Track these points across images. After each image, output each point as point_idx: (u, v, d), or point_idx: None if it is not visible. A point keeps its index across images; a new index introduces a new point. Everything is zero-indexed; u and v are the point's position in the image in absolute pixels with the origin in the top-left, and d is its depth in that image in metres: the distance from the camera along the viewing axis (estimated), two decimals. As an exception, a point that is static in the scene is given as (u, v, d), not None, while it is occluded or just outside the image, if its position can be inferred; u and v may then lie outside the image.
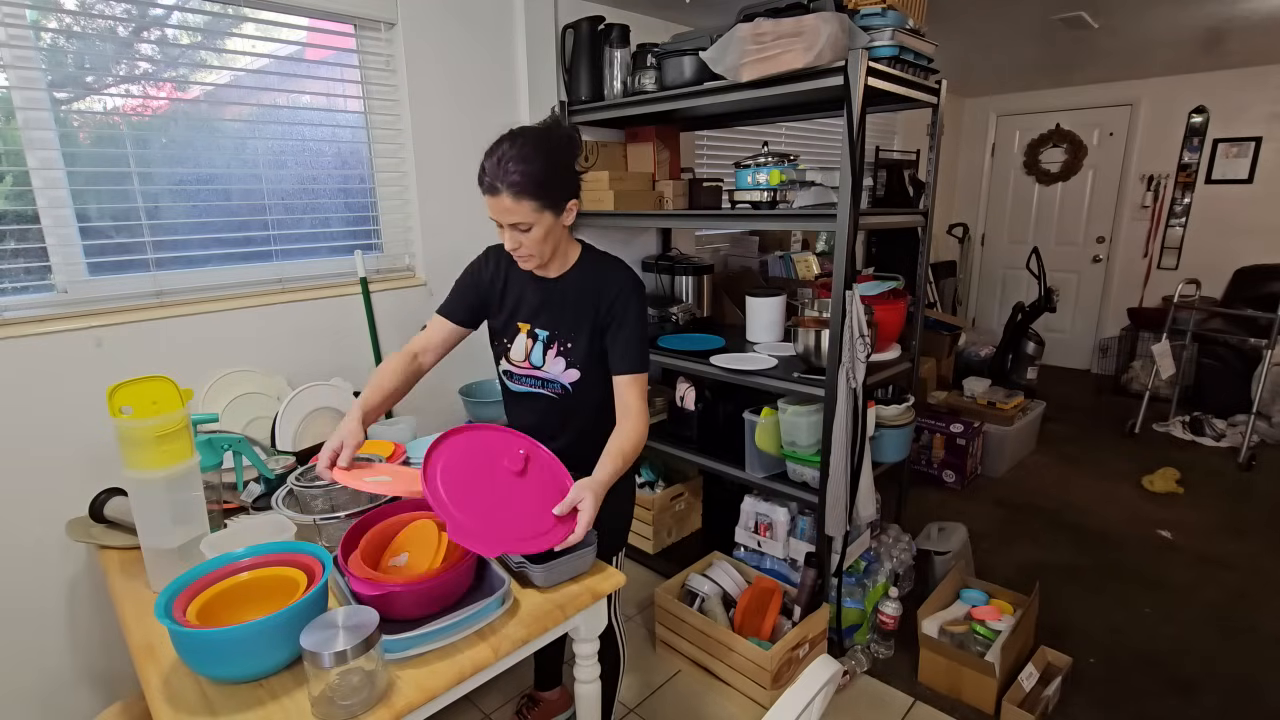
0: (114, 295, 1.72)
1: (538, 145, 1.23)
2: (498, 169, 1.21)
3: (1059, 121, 5.20)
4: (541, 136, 1.26)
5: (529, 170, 1.20)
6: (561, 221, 1.30)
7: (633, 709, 1.97)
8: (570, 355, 1.37)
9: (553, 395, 1.41)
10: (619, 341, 1.34)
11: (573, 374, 1.38)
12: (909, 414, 2.18)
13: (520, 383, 1.45)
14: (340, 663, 0.87)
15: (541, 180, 1.22)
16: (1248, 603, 2.43)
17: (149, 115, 1.76)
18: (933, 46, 1.99)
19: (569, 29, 2.48)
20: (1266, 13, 3.10)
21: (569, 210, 1.30)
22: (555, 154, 1.25)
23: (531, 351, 1.40)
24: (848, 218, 1.80)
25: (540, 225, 1.26)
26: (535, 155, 1.21)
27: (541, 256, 1.32)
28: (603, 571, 1.27)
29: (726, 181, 2.59)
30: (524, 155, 1.20)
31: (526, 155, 1.20)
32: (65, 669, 1.72)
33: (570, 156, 1.30)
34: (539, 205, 1.23)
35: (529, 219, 1.24)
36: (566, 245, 1.38)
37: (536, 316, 1.40)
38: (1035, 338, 4.22)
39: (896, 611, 2.13)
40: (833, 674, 0.95)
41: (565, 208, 1.29)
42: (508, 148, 1.21)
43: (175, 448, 1.17)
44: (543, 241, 1.28)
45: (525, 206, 1.22)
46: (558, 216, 1.28)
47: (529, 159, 1.20)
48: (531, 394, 1.44)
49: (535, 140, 1.23)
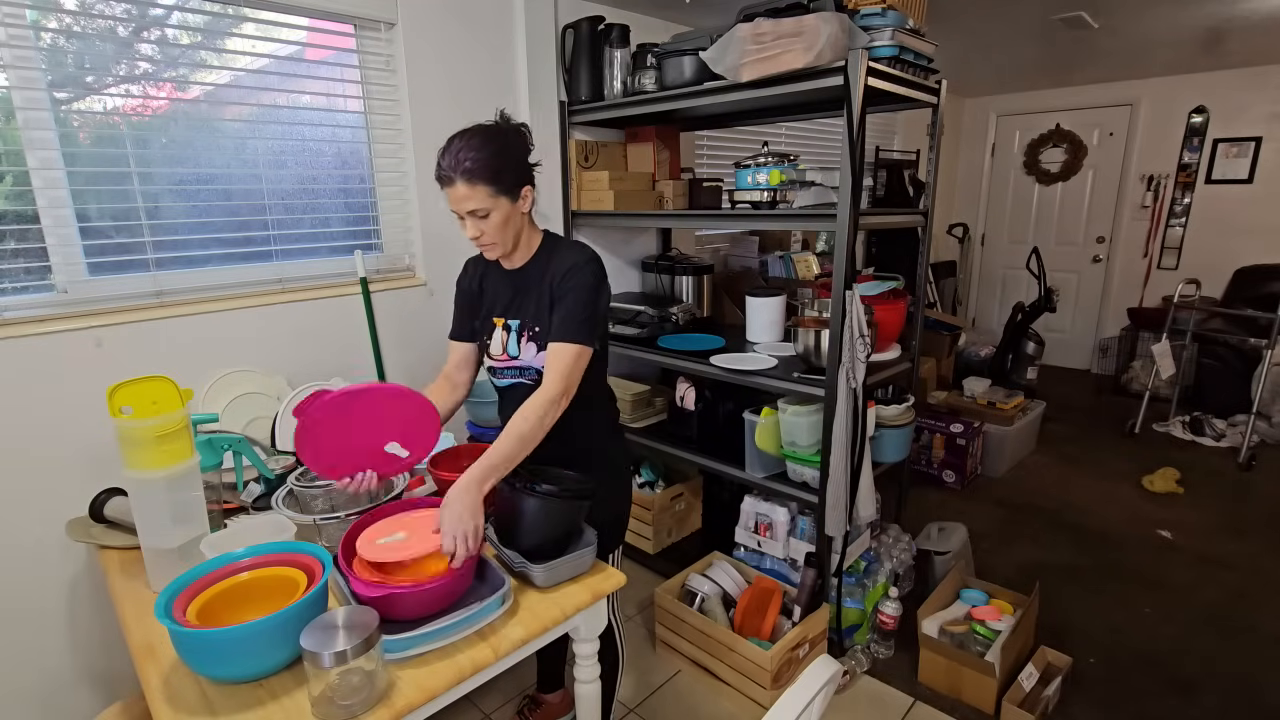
0: (114, 295, 1.72)
1: (487, 135, 1.29)
2: (451, 160, 1.27)
3: (1059, 121, 5.20)
4: (490, 128, 1.31)
5: (479, 157, 1.26)
6: (518, 208, 1.34)
7: (633, 709, 1.97)
8: (539, 339, 1.40)
9: (530, 383, 1.43)
10: (560, 310, 1.35)
11: (542, 356, 1.39)
12: (909, 414, 2.18)
13: (502, 376, 1.48)
14: (340, 663, 0.87)
15: (493, 166, 1.27)
16: (1248, 603, 2.43)
17: (149, 115, 1.76)
18: (933, 46, 2.00)
19: (569, 29, 2.49)
20: (1266, 13, 3.10)
21: (524, 197, 1.34)
22: (505, 142, 1.31)
23: (507, 343, 1.44)
24: (848, 218, 1.80)
25: (498, 211, 1.30)
26: (485, 144, 1.27)
27: (504, 244, 1.36)
28: (603, 571, 1.27)
29: (726, 181, 2.59)
30: (474, 145, 1.27)
31: (476, 145, 1.27)
32: (65, 669, 1.72)
33: (520, 145, 1.34)
34: (493, 190, 1.28)
35: (485, 204, 1.29)
36: (529, 234, 1.42)
37: (508, 309, 1.45)
38: (1035, 338, 4.22)
39: (896, 611, 2.13)
40: (833, 674, 0.95)
41: (520, 194, 1.33)
42: (459, 141, 1.28)
43: (175, 448, 1.18)
44: (502, 228, 1.33)
45: (480, 191, 1.27)
46: (514, 202, 1.32)
47: (479, 147, 1.27)
48: (514, 385, 1.47)
49: (484, 132, 1.30)
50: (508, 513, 1.25)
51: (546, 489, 1.23)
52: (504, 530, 1.25)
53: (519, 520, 1.22)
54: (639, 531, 2.74)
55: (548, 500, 1.21)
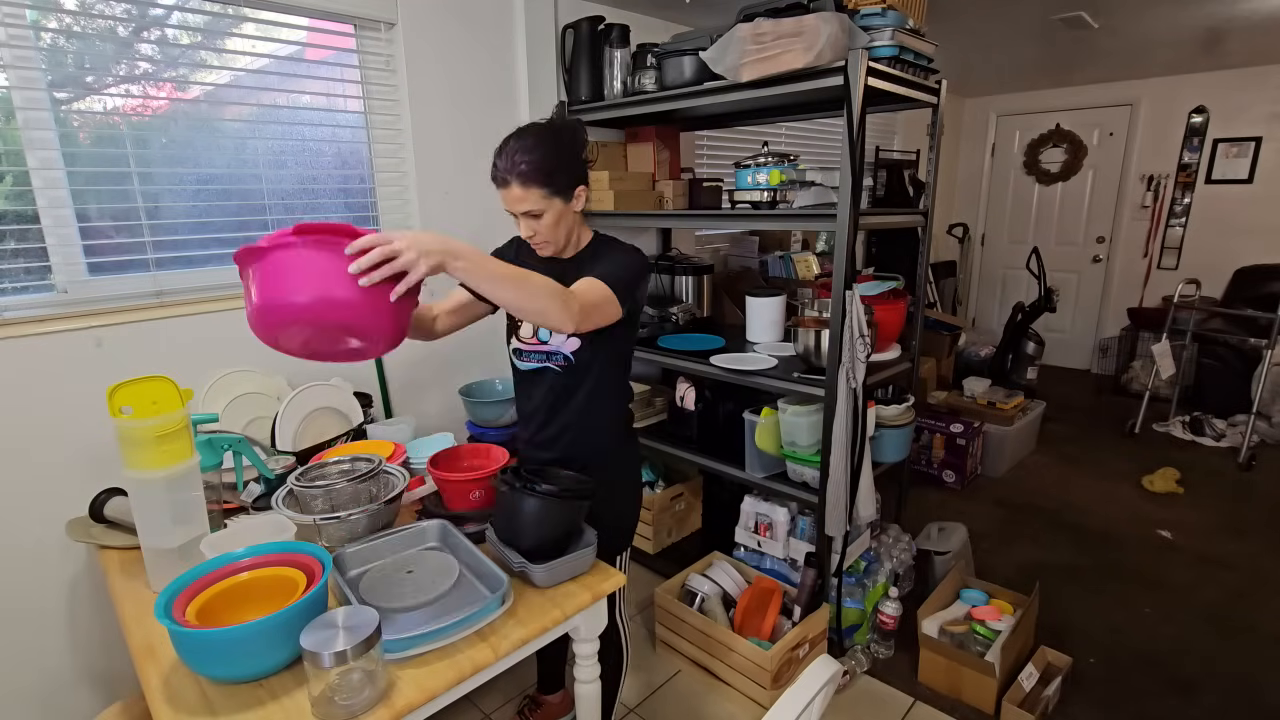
0: (114, 295, 1.72)
1: (540, 136, 1.29)
2: (506, 162, 1.27)
3: (1059, 121, 5.20)
4: (545, 129, 1.32)
5: (533, 159, 1.26)
6: (571, 207, 1.34)
7: (633, 709, 1.97)
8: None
9: (557, 369, 1.43)
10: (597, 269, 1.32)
11: (574, 342, 1.40)
12: (909, 414, 2.18)
13: (527, 359, 1.46)
14: (340, 663, 0.87)
15: (546, 168, 1.27)
16: (1247, 603, 2.43)
17: (149, 115, 1.76)
18: (933, 46, 1.99)
19: (569, 29, 2.48)
20: (1266, 13, 3.10)
21: (578, 196, 1.34)
22: (559, 143, 1.30)
23: (538, 328, 1.43)
24: (848, 218, 1.80)
25: (551, 211, 1.31)
26: (539, 145, 1.27)
27: (556, 243, 1.38)
28: (603, 572, 1.27)
29: (726, 181, 2.59)
30: (528, 146, 1.27)
31: (530, 146, 1.27)
32: (65, 669, 1.72)
33: (575, 145, 1.34)
34: (547, 192, 1.29)
35: (539, 206, 1.29)
36: (580, 231, 1.43)
37: None
38: (1035, 338, 4.22)
39: (896, 611, 2.13)
40: (833, 674, 0.95)
41: (574, 194, 1.33)
42: (514, 142, 1.28)
43: (175, 448, 1.18)
44: (555, 227, 1.34)
45: (534, 194, 1.28)
46: (567, 202, 1.33)
47: (533, 149, 1.27)
48: (538, 370, 1.46)
49: (539, 132, 1.30)
50: (507, 512, 1.24)
51: (546, 489, 1.23)
52: (504, 530, 1.25)
53: (519, 520, 1.22)
54: (639, 531, 2.74)
55: (547, 500, 1.21)
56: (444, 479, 1.41)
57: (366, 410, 2.00)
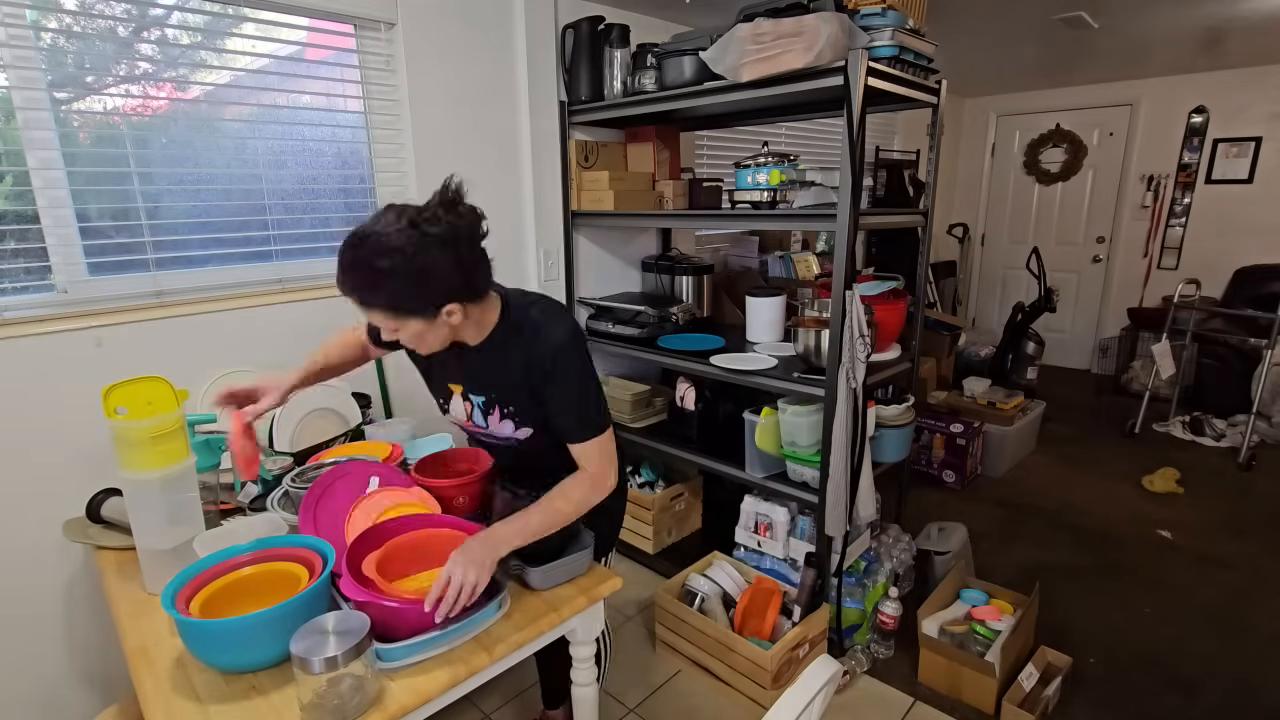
0: (114, 295, 1.72)
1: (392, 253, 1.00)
2: (344, 269, 1.04)
3: (1059, 121, 5.19)
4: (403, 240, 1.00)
5: (376, 282, 1.02)
6: (440, 322, 1.09)
7: (633, 709, 1.97)
8: (517, 416, 1.26)
9: (515, 446, 1.33)
10: (564, 409, 1.19)
11: (524, 431, 1.27)
12: (909, 414, 2.17)
13: (472, 436, 1.39)
14: (331, 668, 0.87)
15: (392, 293, 1.03)
16: (1247, 603, 2.42)
17: (149, 115, 1.76)
18: (933, 46, 1.99)
19: (569, 29, 2.48)
20: (1266, 13, 3.10)
21: (448, 313, 1.08)
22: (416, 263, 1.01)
23: (472, 414, 1.30)
24: (848, 218, 1.80)
25: (406, 330, 1.09)
26: (386, 266, 1.00)
27: (431, 347, 1.16)
28: (599, 574, 1.26)
29: (726, 181, 2.59)
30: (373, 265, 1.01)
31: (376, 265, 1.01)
32: (62, 670, 1.72)
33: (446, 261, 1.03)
34: (393, 315, 1.06)
35: (391, 325, 1.08)
36: (478, 318, 1.17)
37: (466, 382, 1.28)
38: (1035, 338, 4.21)
39: (896, 611, 2.13)
40: (833, 674, 0.95)
41: (441, 312, 1.07)
42: (361, 252, 1.02)
43: (170, 448, 1.17)
44: (420, 339, 1.12)
45: (377, 315, 1.07)
46: (430, 320, 1.08)
47: (378, 270, 1.01)
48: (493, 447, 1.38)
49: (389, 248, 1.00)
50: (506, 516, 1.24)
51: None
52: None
53: (518, 521, 1.21)
54: (639, 531, 2.74)
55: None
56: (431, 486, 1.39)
57: (366, 411, 2.00)
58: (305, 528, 1.23)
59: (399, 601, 0.99)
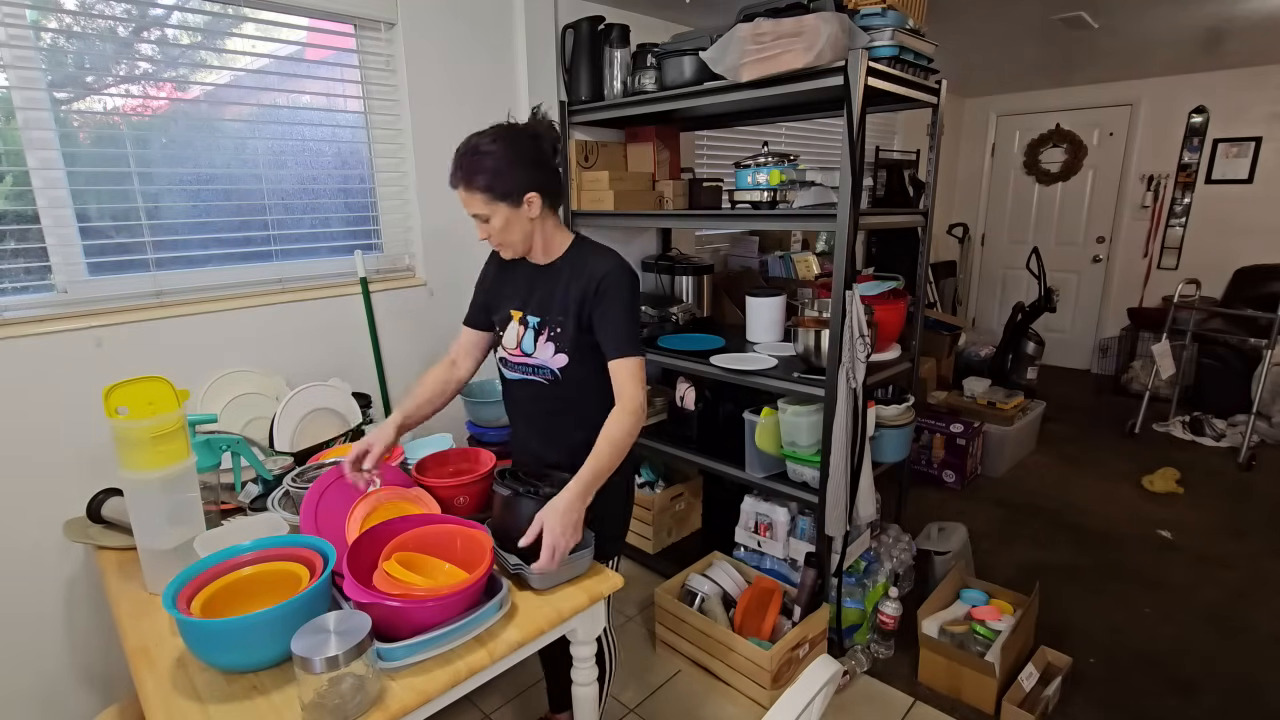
0: (114, 295, 1.72)
1: (496, 139, 1.28)
2: (455, 163, 1.30)
3: (1059, 121, 5.19)
4: (503, 132, 1.30)
5: (481, 164, 1.27)
6: (522, 213, 1.32)
7: (632, 709, 1.97)
8: (559, 340, 1.38)
9: (544, 382, 1.42)
10: (607, 325, 1.34)
11: (561, 359, 1.38)
12: (909, 414, 2.17)
13: (513, 369, 1.47)
14: (332, 668, 0.87)
15: (492, 172, 1.27)
16: (1247, 603, 2.43)
17: (149, 115, 1.76)
18: (933, 46, 1.99)
19: (569, 29, 2.48)
20: (1266, 13, 3.10)
21: (529, 202, 1.31)
22: (512, 148, 1.28)
23: (523, 339, 1.42)
24: (848, 218, 1.80)
25: (497, 216, 1.30)
26: (490, 149, 1.27)
27: (513, 247, 1.37)
28: (600, 574, 1.26)
29: (726, 181, 2.59)
30: (479, 149, 1.28)
31: (481, 149, 1.28)
32: (63, 670, 1.72)
33: (532, 151, 1.31)
34: (490, 197, 1.29)
35: (484, 210, 1.30)
36: (550, 234, 1.39)
37: (527, 303, 1.43)
38: (1035, 338, 4.21)
39: (896, 611, 2.13)
40: (833, 674, 0.95)
41: (524, 200, 1.30)
42: (471, 142, 1.30)
43: (171, 448, 1.17)
44: (505, 231, 1.33)
45: (478, 199, 1.29)
46: (515, 208, 1.30)
47: (483, 153, 1.27)
48: (525, 381, 1.45)
49: (494, 135, 1.29)
50: (507, 515, 1.24)
51: (547, 492, 1.23)
52: (502, 533, 1.25)
53: (518, 523, 1.22)
54: (639, 531, 2.74)
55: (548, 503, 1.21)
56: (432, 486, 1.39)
57: (366, 411, 2.00)
58: (306, 527, 1.23)
59: (400, 601, 0.99)
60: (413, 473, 1.44)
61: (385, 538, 1.14)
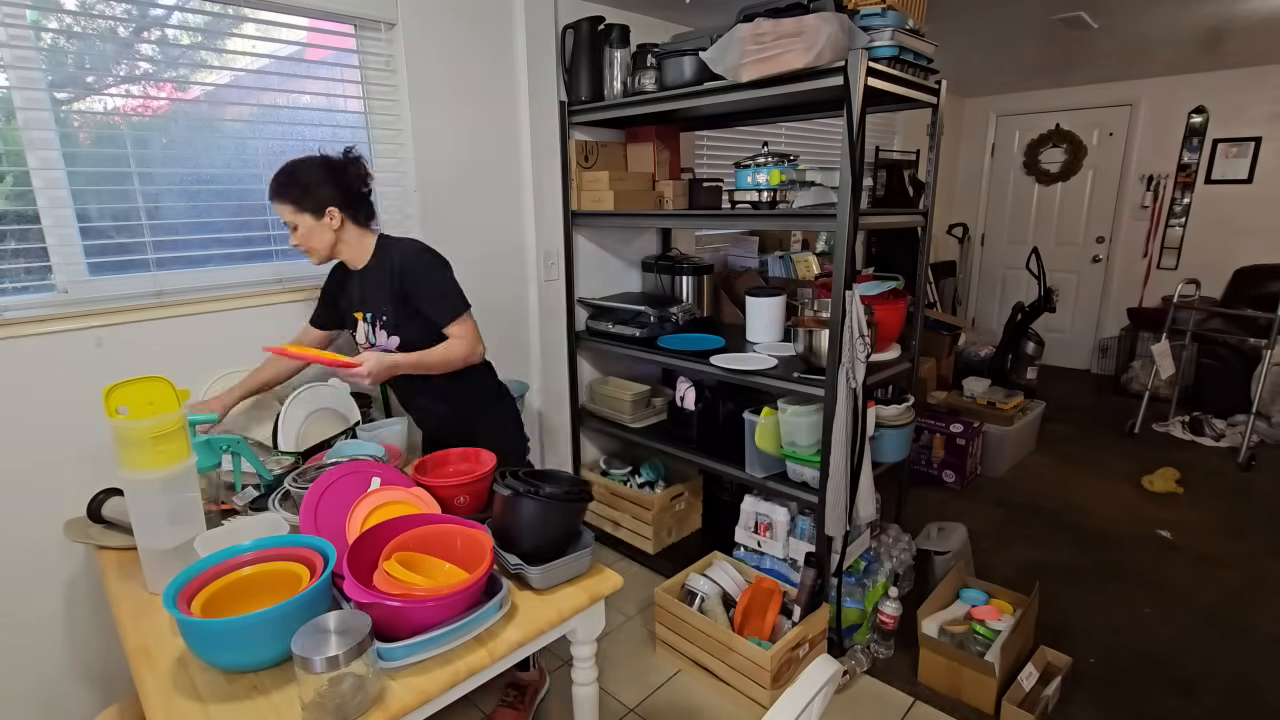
0: (114, 295, 1.72)
1: (297, 163, 1.56)
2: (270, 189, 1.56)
3: (1059, 121, 5.20)
4: (304, 159, 1.57)
5: (279, 182, 1.55)
6: (324, 224, 1.57)
7: (632, 709, 1.97)
8: (389, 326, 1.65)
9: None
10: (425, 300, 1.59)
11: (394, 340, 1.65)
12: (909, 414, 2.18)
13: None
14: (332, 668, 0.87)
15: (289, 189, 1.54)
16: (1247, 603, 2.43)
17: (149, 115, 1.76)
18: (932, 46, 1.99)
19: (569, 29, 2.48)
20: (1266, 13, 3.10)
21: (330, 215, 1.57)
22: (307, 170, 1.55)
23: (369, 333, 1.69)
24: (848, 218, 1.80)
25: (301, 225, 1.57)
26: (290, 170, 1.55)
27: (318, 253, 1.62)
28: (600, 574, 1.27)
29: (726, 181, 2.59)
30: (283, 171, 1.55)
31: (284, 171, 1.55)
32: (64, 670, 1.72)
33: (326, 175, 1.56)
34: (292, 208, 1.55)
35: (288, 219, 1.57)
36: (357, 240, 1.64)
37: (362, 304, 1.69)
38: (1035, 338, 4.22)
39: (896, 611, 2.13)
40: (832, 674, 0.95)
41: (325, 213, 1.56)
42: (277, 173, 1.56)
43: (172, 448, 1.18)
44: (309, 238, 1.59)
45: (284, 209, 1.56)
46: (317, 219, 1.57)
47: (284, 174, 1.55)
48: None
49: (297, 161, 1.57)
50: (507, 515, 1.24)
51: (548, 491, 1.23)
52: (503, 533, 1.25)
53: (519, 523, 1.22)
54: (639, 531, 2.74)
55: (549, 503, 1.21)
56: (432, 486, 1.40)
57: (366, 410, 2.00)
58: (306, 527, 1.23)
59: (400, 601, 0.99)
60: (413, 473, 1.45)
61: (385, 538, 1.14)
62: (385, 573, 1.05)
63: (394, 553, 1.11)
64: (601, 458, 2.95)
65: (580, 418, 2.85)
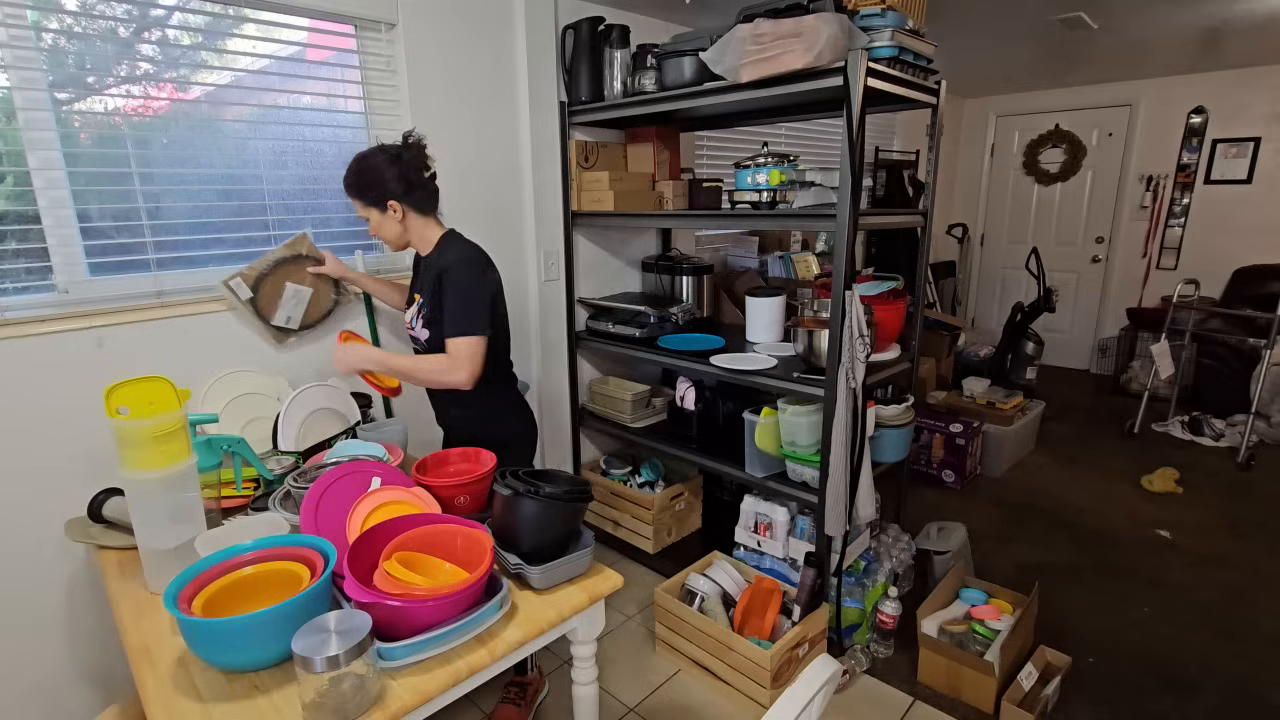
0: (115, 295, 1.72)
1: (360, 159, 1.63)
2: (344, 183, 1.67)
3: (1058, 122, 5.20)
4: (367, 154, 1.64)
5: (350, 179, 1.64)
6: (389, 218, 1.65)
7: (632, 709, 1.98)
8: (426, 317, 1.71)
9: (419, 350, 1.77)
10: (445, 311, 1.62)
11: (425, 332, 1.71)
12: (908, 414, 2.18)
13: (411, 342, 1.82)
14: (332, 667, 0.87)
15: (357, 185, 1.63)
16: (1247, 603, 2.43)
17: (150, 115, 1.76)
18: (932, 46, 2.00)
19: (569, 29, 2.49)
20: (1266, 13, 3.10)
21: (392, 208, 1.64)
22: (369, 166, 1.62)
23: (414, 318, 1.75)
24: (847, 218, 1.81)
25: (370, 218, 1.67)
26: (355, 167, 1.63)
27: (391, 243, 1.72)
28: (600, 574, 1.27)
29: (726, 181, 2.59)
30: (350, 167, 1.64)
31: (350, 167, 1.64)
32: (64, 670, 1.72)
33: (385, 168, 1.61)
34: (362, 204, 1.65)
35: (360, 213, 1.68)
36: (421, 229, 1.70)
37: (419, 289, 1.76)
38: (1034, 338, 4.22)
39: (896, 611, 2.13)
40: (832, 673, 0.96)
41: (387, 206, 1.64)
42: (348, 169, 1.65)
43: (172, 448, 1.18)
44: (379, 230, 1.69)
45: (356, 204, 1.67)
46: (383, 213, 1.65)
47: (351, 170, 1.64)
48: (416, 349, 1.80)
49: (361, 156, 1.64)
50: (508, 515, 1.24)
51: (549, 491, 1.23)
52: (502, 532, 1.25)
53: (519, 522, 1.22)
54: (639, 531, 2.75)
55: (549, 503, 1.22)
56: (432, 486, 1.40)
57: (366, 411, 2.00)
58: (306, 527, 1.23)
59: (400, 601, 0.99)
60: (413, 473, 1.45)
61: (385, 537, 1.14)
62: (385, 572, 1.05)
63: (394, 552, 1.11)
64: (601, 457, 2.96)
65: (580, 418, 2.85)
